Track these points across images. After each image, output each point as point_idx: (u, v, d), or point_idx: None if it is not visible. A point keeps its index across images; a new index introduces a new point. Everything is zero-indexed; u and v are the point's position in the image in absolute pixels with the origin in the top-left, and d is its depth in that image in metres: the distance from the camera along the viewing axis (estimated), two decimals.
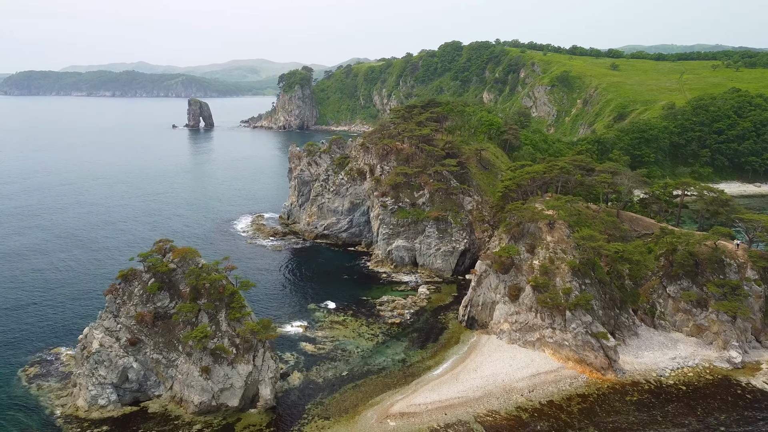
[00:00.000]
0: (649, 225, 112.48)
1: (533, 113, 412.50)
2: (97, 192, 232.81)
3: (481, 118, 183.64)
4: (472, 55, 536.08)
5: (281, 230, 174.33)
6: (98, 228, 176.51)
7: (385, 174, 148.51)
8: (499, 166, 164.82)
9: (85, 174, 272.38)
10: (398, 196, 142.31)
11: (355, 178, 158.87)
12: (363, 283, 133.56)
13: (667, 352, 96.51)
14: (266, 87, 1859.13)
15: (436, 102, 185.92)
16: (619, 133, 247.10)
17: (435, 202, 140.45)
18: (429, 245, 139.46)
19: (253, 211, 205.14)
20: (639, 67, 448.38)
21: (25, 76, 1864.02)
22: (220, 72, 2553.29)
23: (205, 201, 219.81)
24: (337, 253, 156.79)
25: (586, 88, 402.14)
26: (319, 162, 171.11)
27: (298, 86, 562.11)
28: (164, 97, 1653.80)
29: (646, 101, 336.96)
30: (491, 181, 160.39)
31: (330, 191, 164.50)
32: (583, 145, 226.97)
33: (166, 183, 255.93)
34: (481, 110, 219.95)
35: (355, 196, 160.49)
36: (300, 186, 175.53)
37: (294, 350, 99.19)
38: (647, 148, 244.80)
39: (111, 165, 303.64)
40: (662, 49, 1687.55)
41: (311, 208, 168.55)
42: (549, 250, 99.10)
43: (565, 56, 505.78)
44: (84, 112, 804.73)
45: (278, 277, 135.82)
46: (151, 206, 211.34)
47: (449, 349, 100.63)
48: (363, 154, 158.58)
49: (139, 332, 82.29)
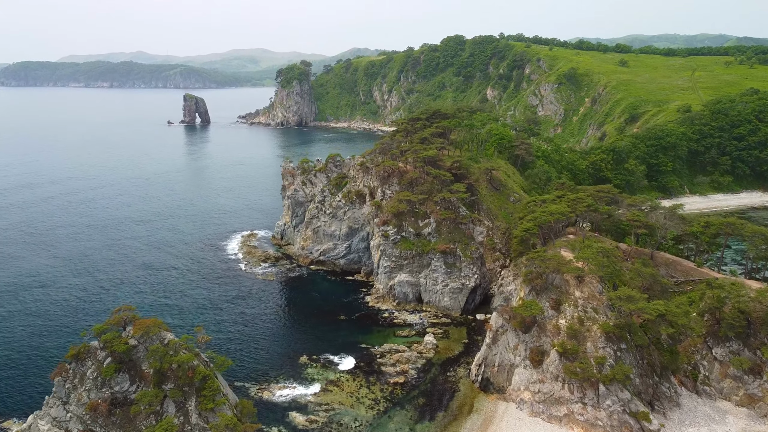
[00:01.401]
0: (687, 270, 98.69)
1: (539, 112, 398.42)
2: (84, 203, 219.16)
3: (490, 131, 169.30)
4: (476, 50, 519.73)
5: (273, 254, 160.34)
6: (80, 243, 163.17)
7: (386, 199, 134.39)
8: (512, 186, 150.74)
9: (72, 181, 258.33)
10: (401, 224, 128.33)
11: (354, 201, 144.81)
12: (362, 325, 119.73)
13: (715, 428, 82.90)
14: (265, 78, 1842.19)
15: (441, 113, 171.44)
16: (634, 140, 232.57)
17: (442, 233, 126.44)
18: (435, 281, 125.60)
19: (246, 227, 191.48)
20: (648, 64, 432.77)
21: (22, 66, 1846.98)
22: (219, 62, 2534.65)
23: (196, 214, 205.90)
24: (334, 284, 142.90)
25: (594, 86, 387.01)
26: (315, 181, 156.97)
27: (296, 81, 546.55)
28: (162, 88, 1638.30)
29: (658, 101, 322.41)
30: (503, 204, 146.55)
31: (326, 214, 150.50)
32: (597, 154, 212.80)
33: (157, 192, 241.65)
34: (489, 119, 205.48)
35: (353, 221, 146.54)
36: (294, 206, 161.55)
37: (281, 423, 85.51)
38: (664, 157, 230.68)
39: (100, 170, 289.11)
40: (665, 39, 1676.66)
41: (306, 231, 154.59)
42: (578, 307, 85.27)
43: (572, 51, 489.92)
44: (77, 107, 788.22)
45: (266, 318, 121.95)
46: (141, 217, 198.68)
47: (462, 422, 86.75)
48: (362, 174, 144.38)
49: (92, 423, 68.69)
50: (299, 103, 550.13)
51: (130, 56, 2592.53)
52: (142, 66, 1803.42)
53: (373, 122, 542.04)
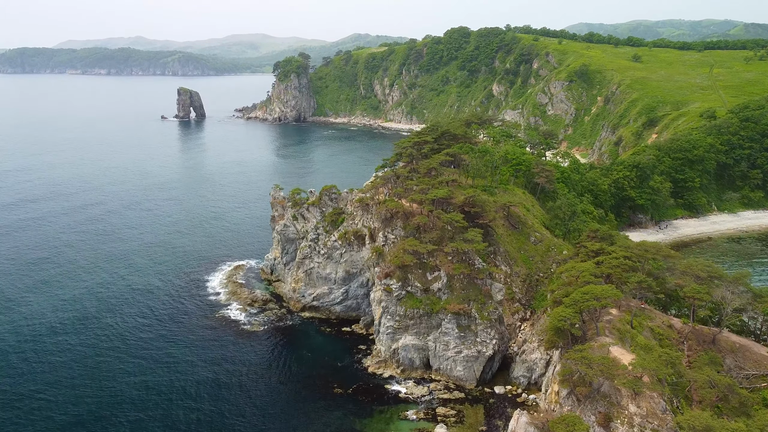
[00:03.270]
0: (760, 360, 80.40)
1: (549, 111, 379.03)
2: (58, 218, 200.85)
3: (505, 155, 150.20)
4: (481, 43, 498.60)
5: (261, 296, 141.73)
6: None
7: (389, 244, 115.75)
8: (532, 224, 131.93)
9: (54, 191, 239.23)
10: (406, 277, 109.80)
11: (352, 243, 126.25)
12: (361, 403, 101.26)
13: None
14: (265, 64, 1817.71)
15: (451, 134, 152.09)
16: (657, 152, 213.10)
17: (454, 289, 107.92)
18: (446, 345, 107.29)
19: (234, 254, 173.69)
20: (663, 59, 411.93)
21: (19, 53, 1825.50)
22: (218, 47, 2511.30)
23: (180, 237, 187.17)
24: (329, 339, 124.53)
25: (607, 84, 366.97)
26: (307, 216, 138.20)
27: (294, 75, 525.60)
28: (160, 75, 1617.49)
29: (676, 102, 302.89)
30: (522, 245, 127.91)
31: (320, 255, 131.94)
32: (620, 171, 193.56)
33: (144, 206, 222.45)
34: (503, 134, 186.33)
35: (351, 265, 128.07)
36: (284, 243, 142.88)
37: None
38: (691, 171, 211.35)
39: (84, 177, 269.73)
40: (670, 25, 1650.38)
41: (297, 272, 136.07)
42: (633, 426, 67.00)
43: (582, 44, 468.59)
44: (68, 99, 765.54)
45: (246, 392, 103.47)
46: (111, 240, 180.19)
47: None
48: (361, 212, 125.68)
49: None
50: (297, 97, 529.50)
51: (128, 42, 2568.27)
52: (140, 53, 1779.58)
53: (374, 117, 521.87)
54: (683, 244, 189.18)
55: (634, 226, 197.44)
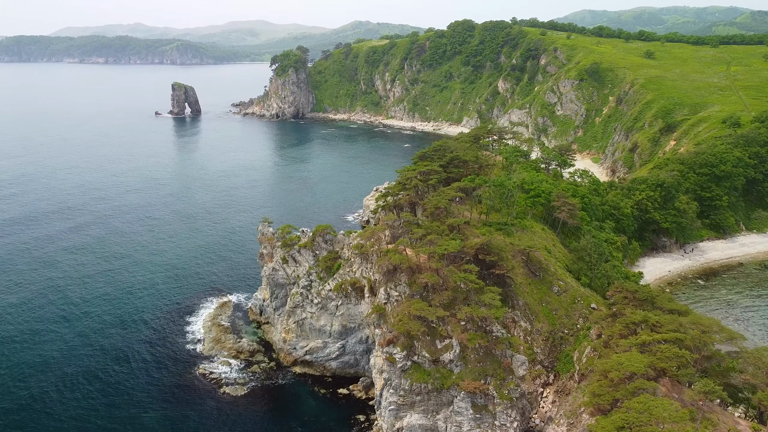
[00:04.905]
0: None
1: (558, 111, 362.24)
2: (29, 241, 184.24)
3: (522, 183, 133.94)
4: (486, 37, 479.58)
5: (248, 346, 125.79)
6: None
7: (392, 302, 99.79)
8: (555, 270, 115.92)
9: (31, 206, 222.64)
10: (412, 345, 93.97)
11: (349, 295, 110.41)
12: None
13: None
14: (264, 52, 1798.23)
15: (460, 160, 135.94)
16: (681, 166, 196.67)
17: (469, 361, 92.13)
18: (459, 426, 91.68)
19: (221, 286, 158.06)
20: (677, 55, 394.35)
21: (15, 41, 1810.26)
22: (218, 35, 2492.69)
23: (161, 265, 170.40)
24: (323, 405, 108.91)
25: (619, 83, 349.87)
26: (299, 259, 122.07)
27: (292, 69, 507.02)
28: (159, 64, 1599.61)
29: (694, 104, 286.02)
30: (544, 296, 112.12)
31: (314, 304, 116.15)
32: (643, 191, 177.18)
33: (116, 231, 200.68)
34: (516, 153, 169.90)
35: (349, 319, 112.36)
36: (273, 287, 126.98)
37: None
38: (718, 188, 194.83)
39: (66, 189, 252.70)
40: (674, 12, 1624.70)
41: (288, 321, 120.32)
42: None
43: (591, 39, 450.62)
44: (61, 92, 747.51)
45: None
46: (84, 271, 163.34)
47: None
48: (360, 261, 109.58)
49: None
50: (295, 93, 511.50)
51: (127, 28, 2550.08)
52: (138, 41, 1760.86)
53: (375, 114, 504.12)
54: (712, 271, 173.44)
55: (657, 250, 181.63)
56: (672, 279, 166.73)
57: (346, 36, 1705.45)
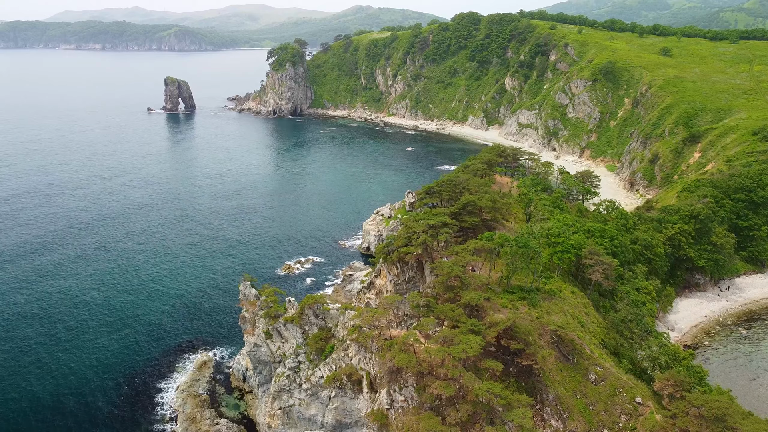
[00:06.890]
0: None
1: (569, 113, 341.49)
2: None
3: (548, 236, 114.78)
4: (492, 31, 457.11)
5: (226, 430, 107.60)
6: None
7: (395, 409, 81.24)
8: (590, 352, 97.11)
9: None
10: None
11: (344, 386, 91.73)
12: None
13: None
14: (264, 38, 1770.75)
15: (475, 206, 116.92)
16: (714, 191, 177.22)
17: None
18: None
19: (202, 336, 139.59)
20: (695, 52, 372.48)
21: (11, 27, 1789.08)
22: (217, 18, 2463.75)
23: (137, 315, 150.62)
24: None
25: (635, 84, 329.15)
26: (285, 335, 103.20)
27: (290, 64, 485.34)
28: (156, 50, 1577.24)
29: (718, 110, 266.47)
30: (578, 386, 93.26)
31: (302, 390, 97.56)
32: (676, 224, 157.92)
33: (110, 268, 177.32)
34: (536, 184, 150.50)
35: (344, 414, 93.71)
36: (256, 363, 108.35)
37: None
38: (756, 217, 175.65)
39: (45, 206, 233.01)
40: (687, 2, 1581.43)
41: (273, 405, 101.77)
42: None
43: (604, 34, 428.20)
44: (53, 83, 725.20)
45: None
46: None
47: None
48: (357, 347, 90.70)
49: None
50: (293, 88, 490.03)
51: (126, 12, 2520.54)
52: (136, 26, 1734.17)
53: (376, 111, 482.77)
54: (753, 315, 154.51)
55: (690, 288, 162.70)
56: (709, 327, 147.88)
57: (347, 21, 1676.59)
